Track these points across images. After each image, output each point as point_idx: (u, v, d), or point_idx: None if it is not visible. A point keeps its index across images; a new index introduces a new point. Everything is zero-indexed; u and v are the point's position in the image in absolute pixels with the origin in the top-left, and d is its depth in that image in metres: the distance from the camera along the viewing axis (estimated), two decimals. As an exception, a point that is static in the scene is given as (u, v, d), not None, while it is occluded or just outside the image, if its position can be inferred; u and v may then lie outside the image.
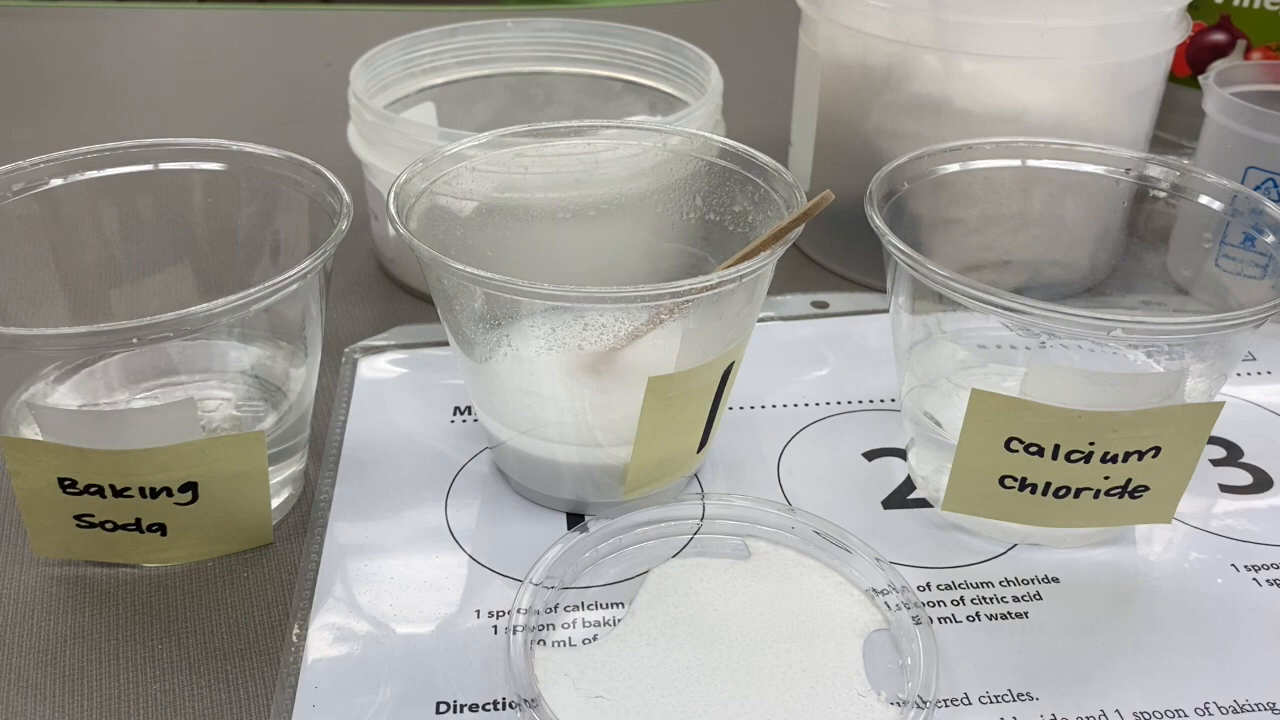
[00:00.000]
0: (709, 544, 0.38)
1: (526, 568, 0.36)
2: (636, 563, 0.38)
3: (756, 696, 0.33)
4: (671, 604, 0.36)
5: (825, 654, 0.34)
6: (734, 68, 0.57)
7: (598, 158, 0.43)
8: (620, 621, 0.35)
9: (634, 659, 0.34)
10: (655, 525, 0.39)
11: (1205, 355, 0.36)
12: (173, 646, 0.35)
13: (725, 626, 0.35)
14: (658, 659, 0.34)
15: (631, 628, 0.35)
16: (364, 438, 0.44)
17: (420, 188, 0.39)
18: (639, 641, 0.34)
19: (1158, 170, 0.42)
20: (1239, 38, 0.64)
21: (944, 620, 0.36)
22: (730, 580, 0.37)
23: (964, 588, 0.37)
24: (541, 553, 0.36)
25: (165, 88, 0.83)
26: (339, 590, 0.37)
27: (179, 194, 0.42)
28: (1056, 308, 0.32)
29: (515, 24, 0.60)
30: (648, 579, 0.37)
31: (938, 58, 0.49)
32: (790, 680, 0.33)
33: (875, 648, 0.34)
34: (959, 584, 0.37)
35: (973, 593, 0.37)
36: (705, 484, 0.42)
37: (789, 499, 0.41)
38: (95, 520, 0.36)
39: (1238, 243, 0.42)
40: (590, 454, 0.38)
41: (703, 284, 0.33)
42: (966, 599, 0.37)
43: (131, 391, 0.41)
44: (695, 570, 0.37)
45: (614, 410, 0.37)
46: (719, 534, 0.39)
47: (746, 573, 0.37)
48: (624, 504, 0.39)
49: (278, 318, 0.39)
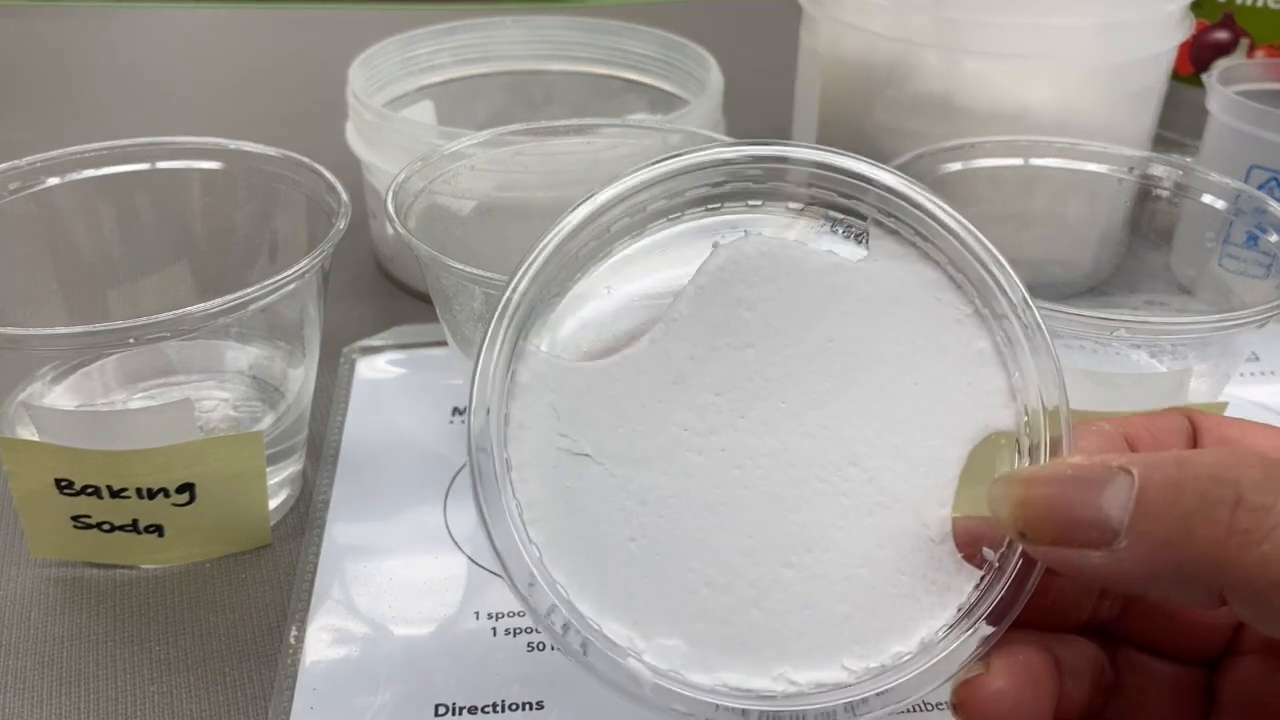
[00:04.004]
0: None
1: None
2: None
3: (791, 506, 0.24)
4: (725, 312, 0.24)
5: (909, 454, 0.24)
6: (734, 66, 0.57)
7: (597, 156, 0.43)
8: (651, 331, 0.25)
9: (654, 401, 0.24)
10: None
11: (1208, 355, 0.36)
12: (170, 648, 0.35)
13: (790, 362, 0.24)
14: (682, 410, 0.24)
15: (663, 349, 0.24)
16: (362, 438, 0.43)
17: (419, 187, 0.39)
18: (660, 376, 0.24)
19: (1161, 169, 0.42)
20: (1242, 36, 0.64)
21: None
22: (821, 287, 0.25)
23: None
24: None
25: (162, 86, 0.83)
26: (337, 591, 0.36)
27: (176, 193, 0.42)
28: (1059, 307, 0.31)
29: (514, 22, 0.60)
30: (708, 262, 0.25)
31: (940, 56, 0.49)
32: (834, 484, 0.24)
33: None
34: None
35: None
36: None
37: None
38: (92, 521, 0.36)
39: (1241, 242, 0.42)
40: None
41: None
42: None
43: (129, 392, 0.41)
44: (780, 259, 0.25)
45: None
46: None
47: (851, 280, 0.25)
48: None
49: (276, 317, 0.39)
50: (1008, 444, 0.25)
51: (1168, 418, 0.25)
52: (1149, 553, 0.20)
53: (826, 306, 0.25)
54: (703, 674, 0.23)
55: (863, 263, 0.25)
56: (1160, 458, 0.20)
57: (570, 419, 0.24)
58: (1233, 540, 0.19)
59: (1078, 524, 0.21)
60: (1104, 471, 0.21)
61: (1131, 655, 0.26)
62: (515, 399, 0.24)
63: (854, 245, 0.25)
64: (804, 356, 0.24)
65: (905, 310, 0.25)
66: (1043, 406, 0.24)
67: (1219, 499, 0.19)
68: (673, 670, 0.23)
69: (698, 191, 0.25)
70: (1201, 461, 0.20)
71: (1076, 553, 0.21)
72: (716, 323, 0.24)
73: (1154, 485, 0.20)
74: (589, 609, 0.23)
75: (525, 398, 0.24)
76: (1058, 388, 0.24)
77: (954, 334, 0.25)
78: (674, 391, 0.24)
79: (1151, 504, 0.20)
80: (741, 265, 0.25)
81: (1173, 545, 0.20)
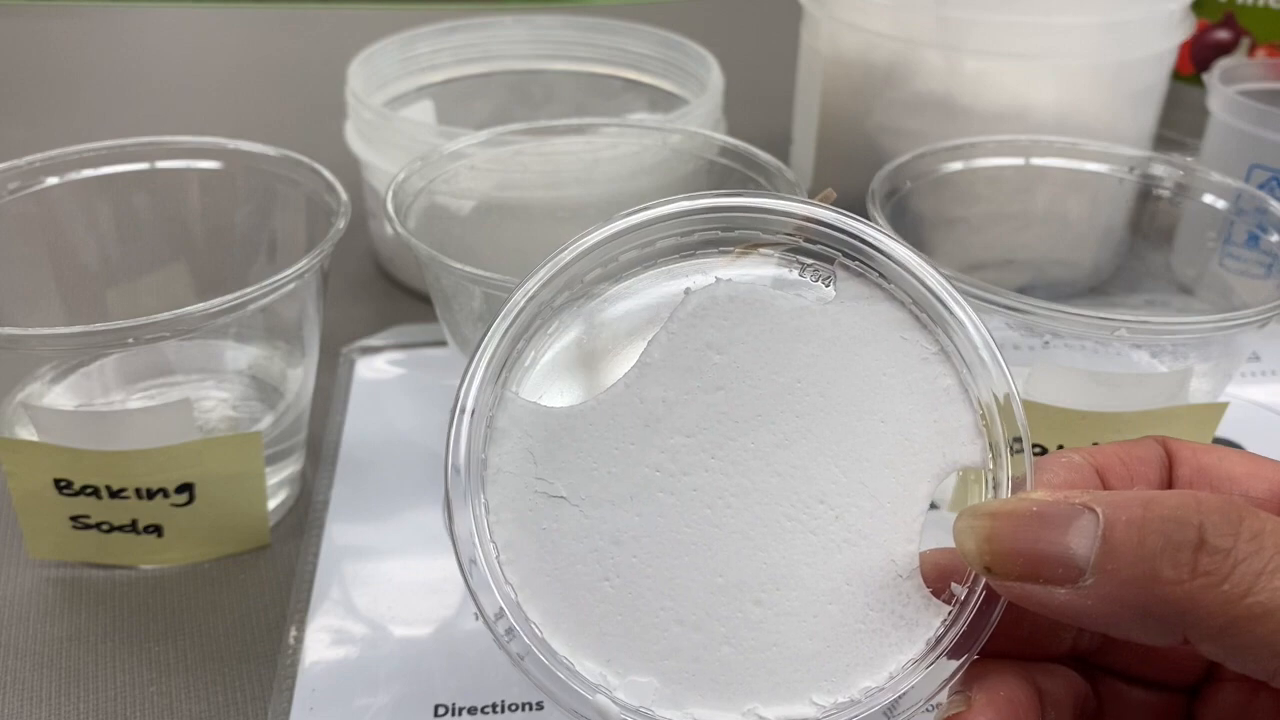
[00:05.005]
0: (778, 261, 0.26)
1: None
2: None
3: (761, 540, 0.24)
4: (696, 356, 0.25)
5: (877, 491, 0.25)
6: (735, 65, 0.57)
7: (597, 156, 0.43)
8: (625, 375, 0.25)
9: (628, 444, 0.25)
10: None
11: (1209, 355, 0.36)
12: (169, 649, 0.35)
13: (759, 403, 0.25)
14: (655, 452, 0.24)
15: (636, 392, 0.25)
16: (362, 438, 0.43)
17: (418, 186, 0.39)
18: (633, 419, 0.25)
19: (1162, 169, 0.42)
20: (1243, 35, 0.64)
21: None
22: (792, 328, 0.25)
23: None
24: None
25: (161, 86, 0.83)
26: (336, 592, 0.36)
27: (175, 193, 0.42)
28: (1060, 307, 0.31)
29: (514, 21, 0.60)
30: (680, 308, 0.25)
31: (941, 55, 0.49)
32: (803, 522, 0.24)
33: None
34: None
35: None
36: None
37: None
38: (91, 521, 0.36)
39: (1242, 242, 0.41)
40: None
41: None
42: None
43: (127, 392, 0.41)
44: (750, 302, 0.25)
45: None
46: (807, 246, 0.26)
47: (818, 323, 0.25)
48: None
49: (275, 317, 0.39)
50: (975, 479, 0.26)
51: (1142, 445, 0.25)
52: (1114, 591, 0.20)
53: (795, 348, 0.25)
54: (674, 710, 0.24)
55: (830, 305, 0.26)
56: (1126, 497, 0.21)
57: (546, 462, 0.25)
58: (1196, 582, 0.19)
59: (1044, 560, 0.21)
60: (1068, 509, 0.21)
61: (1113, 685, 0.26)
62: (493, 444, 0.25)
63: (822, 288, 0.26)
64: (773, 397, 0.25)
65: (872, 350, 0.25)
66: (1004, 441, 0.25)
67: (1183, 541, 0.20)
68: (644, 706, 0.24)
69: (668, 241, 0.26)
70: (1166, 504, 0.20)
71: (1042, 589, 0.21)
72: (687, 366, 0.25)
73: (1120, 525, 0.20)
74: (563, 646, 0.24)
75: (503, 443, 0.25)
76: (1021, 423, 0.25)
77: (920, 372, 0.25)
78: (646, 434, 0.25)
79: (1117, 544, 0.20)
80: (711, 310, 0.25)
81: (1138, 585, 0.20)
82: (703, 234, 0.26)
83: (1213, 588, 0.19)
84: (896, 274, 0.26)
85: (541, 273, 0.25)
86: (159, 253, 0.43)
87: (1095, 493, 0.21)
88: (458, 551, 0.24)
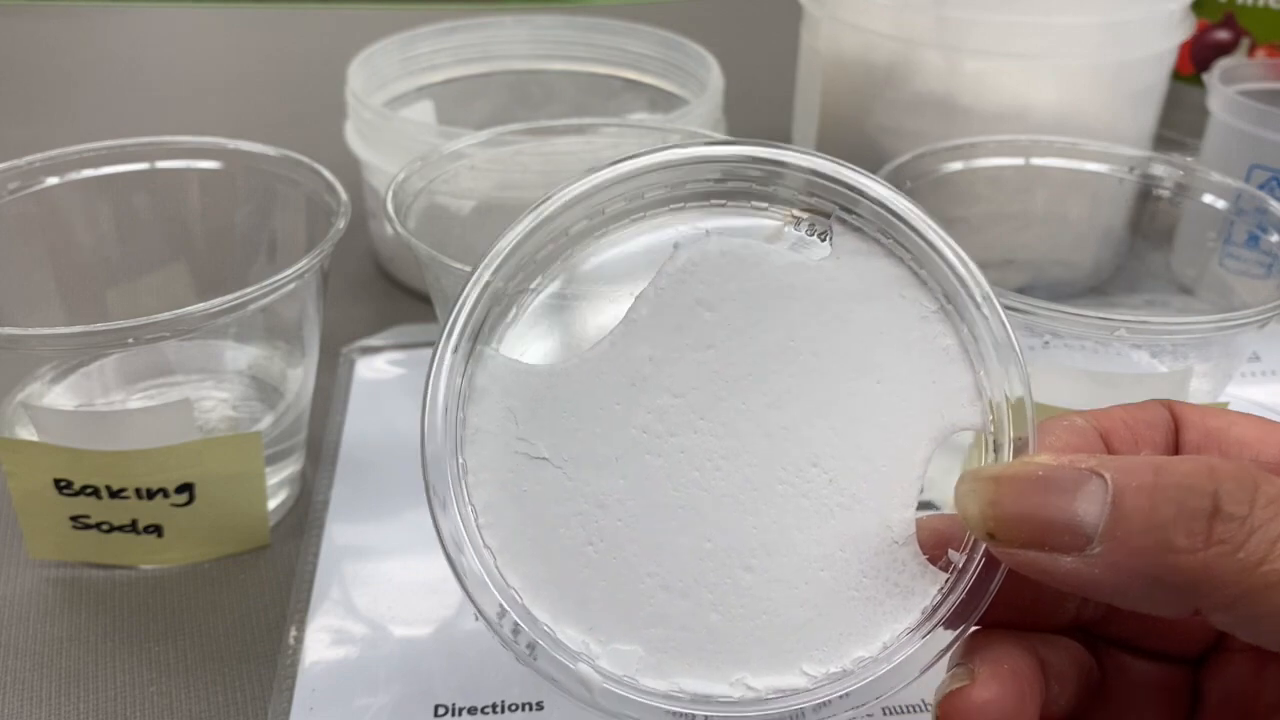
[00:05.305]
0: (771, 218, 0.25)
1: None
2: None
3: (754, 507, 0.24)
4: (685, 313, 0.24)
5: (872, 454, 0.24)
6: (735, 65, 0.57)
7: (597, 156, 0.43)
8: (610, 333, 0.24)
9: (613, 404, 0.24)
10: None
11: (1209, 355, 0.36)
12: (169, 649, 0.35)
13: (751, 362, 0.24)
14: (641, 412, 0.24)
15: (622, 350, 0.24)
16: (362, 438, 0.43)
17: (418, 186, 0.39)
18: (619, 378, 0.24)
19: (1162, 169, 0.42)
20: (1243, 35, 0.64)
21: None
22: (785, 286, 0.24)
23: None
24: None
25: (161, 86, 0.83)
26: (336, 592, 0.36)
27: (175, 193, 0.42)
28: (1060, 307, 0.31)
29: (514, 21, 0.60)
30: (669, 263, 0.24)
31: (941, 55, 0.49)
32: (795, 485, 0.24)
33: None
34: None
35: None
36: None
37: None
38: (91, 521, 0.36)
39: (1242, 242, 0.41)
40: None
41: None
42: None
43: (128, 392, 0.41)
44: (742, 257, 0.24)
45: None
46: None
47: (813, 279, 0.24)
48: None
49: (275, 317, 0.39)
50: (975, 442, 0.25)
51: (1147, 409, 0.25)
52: (1123, 560, 0.19)
53: (788, 305, 0.24)
54: (659, 679, 0.23)
55: (825, 261, 0.24)
56: (1136, 463, 0.20)
57: (528, 422, 0.24)
58: (1210, 551, 0.19)
59: (1050, 526, 0.20)
60: (1075, 474, 0.20)
61: (1117, 656, 0.26)
62: (472, 403, 0.24)
63: (818, 242, 0.25)
64: (765, 356, 0.24)
65: (868, 308, 0.24)
66: (1007, 402, 0.24)
67: (1197, 509, 0.19)
68: (628, 676, 0.23)
69: (657, 193, 0.25)
70: (1179, 470, 0.20)
71: (1047, 556, 0.20)
72: (676, 323, 0.24)
73: (1130, 491, 0.19)
74: (544, 613, 0.23)
75: (483, 402, 0.24)
76: (1022, 383, 0.24)
77: (919, 331, 0.24)
78: (632, 393, 0.24)
79: (1127, 510, 0.19)
80: (702, 265, 0.24)
81: (1148, 553, 0.19)
82: (694, 185, 0.25)
83: (1227, 556, 0.19)
84: (896, 228, 0.24)
85: (524, 224, 0.24)
86: (159, 253, 0.43)
87: (1102, 457, 0.21)
88: (436, 519, 0.23)
